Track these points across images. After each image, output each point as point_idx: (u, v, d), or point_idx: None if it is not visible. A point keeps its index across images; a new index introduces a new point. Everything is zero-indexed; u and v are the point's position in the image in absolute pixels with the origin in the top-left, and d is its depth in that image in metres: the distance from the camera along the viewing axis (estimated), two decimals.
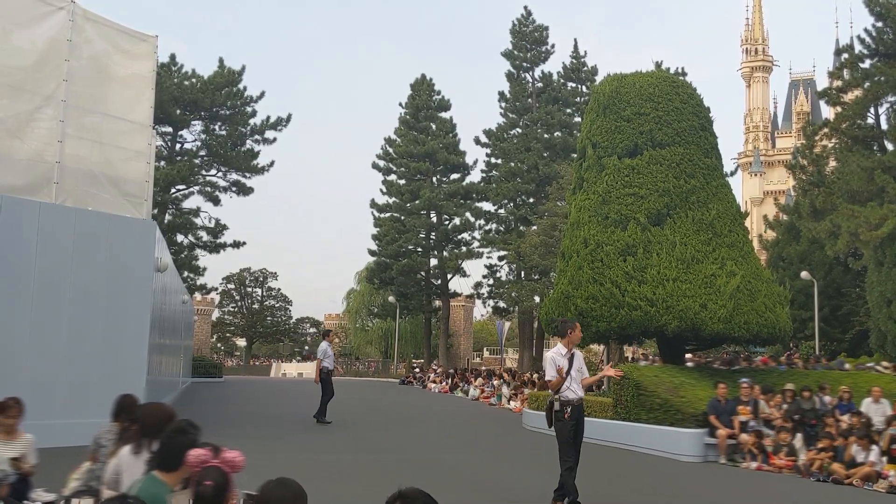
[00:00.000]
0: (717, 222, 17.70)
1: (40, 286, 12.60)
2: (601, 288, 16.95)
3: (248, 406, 22.67)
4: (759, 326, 16.91)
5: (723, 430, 13.59)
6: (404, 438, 16.21)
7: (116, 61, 14.74)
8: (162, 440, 4.12)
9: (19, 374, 11.80)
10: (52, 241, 12.79)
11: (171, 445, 4.03)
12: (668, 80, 19.47)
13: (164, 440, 4.10)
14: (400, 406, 25.06)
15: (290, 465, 10.99)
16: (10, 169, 12.83)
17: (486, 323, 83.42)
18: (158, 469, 4.00)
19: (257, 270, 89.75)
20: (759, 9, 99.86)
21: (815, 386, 15.46)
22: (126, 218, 14.05)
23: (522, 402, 23.16)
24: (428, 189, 47.92)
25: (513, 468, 12.47)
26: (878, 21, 27.38)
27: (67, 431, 10.85)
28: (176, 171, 36.49)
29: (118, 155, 14.53)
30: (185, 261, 37.94)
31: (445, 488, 9.79)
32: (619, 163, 18.21)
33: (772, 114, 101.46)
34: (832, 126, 29.50)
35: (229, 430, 15.02)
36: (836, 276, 33.96)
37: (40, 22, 13.53)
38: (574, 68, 47.65)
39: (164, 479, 3.95)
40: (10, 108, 13.05)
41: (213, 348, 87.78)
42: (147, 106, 15.05)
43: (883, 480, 11.19)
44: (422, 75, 51.31)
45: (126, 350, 13.49)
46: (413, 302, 49.68)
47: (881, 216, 24.46)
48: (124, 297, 13.62)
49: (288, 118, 41.07)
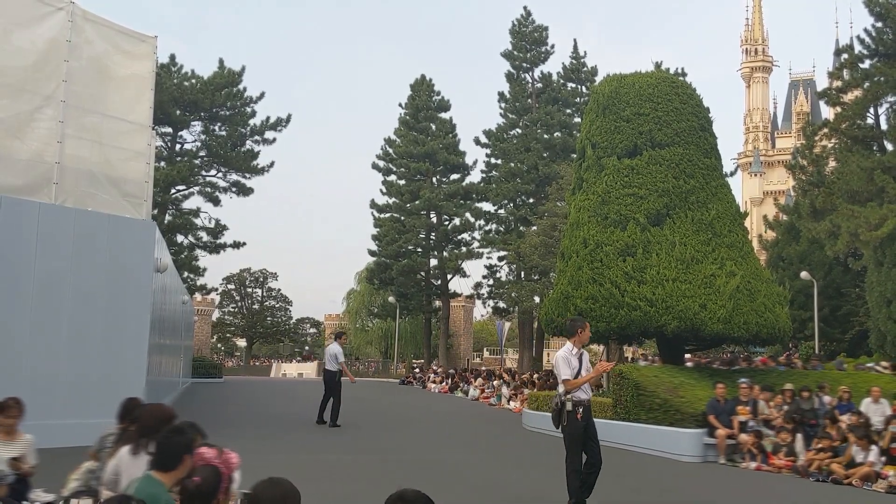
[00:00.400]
0: (716, 222, 17.71)
1: (40, 286, 12.60)
2: (601, 288, 16.95)
3: (247, 406, 22.68)
4: (758, 327, 16.91)
5: (722, 431, 13.59)
6: (404, 439, 16.22)
7: (116, 62, 14.74)
8: (158, 440, 4.13)
9: (19, 375, 11.81)
10: (51, 241, 12.79)
11: (168, 445, 4.03)
12: (668, 81, 19.47)
13: (161, 440, 4.10)
14: (400, 406, 25.06)
15: (290, 466, 11.00)
16: (9, 169, 12.83)
17: (486, 323, 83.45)
18: (155, 469, 4.00)
19: (257, 271, 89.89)
20: (758, 9, 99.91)
21: (814, 386, 15.48)
22: (126, 218, 14.05)
23: (522, 403, 23.17)
24: (428, 189, 47.92)
25: (513, 468, 12.47)
26: (877, 21, 27.38)
27: (67, 432, 10.87)
28: (176, 171, 36.49)
29: (118, 155, 14.53)
30: (185, 261, 37.94)
31: (445, 489, 9.80)
32: (619, 163, 18.21)
33: (772, 114, 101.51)
34: (832, 126, 29.51)
35: (229, 430, 15.01)
36: (836, 277, 33.96)
37: (40, 22, 13.54)
38: (574, 69, 47.64)
39: (162, 478, 3.95)
40: (10, 108, 13.05)
41: (213, 349, 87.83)
42: (147, 106, 15.05)
43: (882, 480, 11.19)
44: (421, 76, 51.36)
45: (126, 350, 13.49)
46: (413, 302, 49.67)
47: (881, 216, 24.46)
48: (124, 297, 13.62)
49: (288, 119, 41.09)
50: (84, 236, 13.20)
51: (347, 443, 14.88)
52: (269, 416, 19.94)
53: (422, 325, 53.80)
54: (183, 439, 4.07)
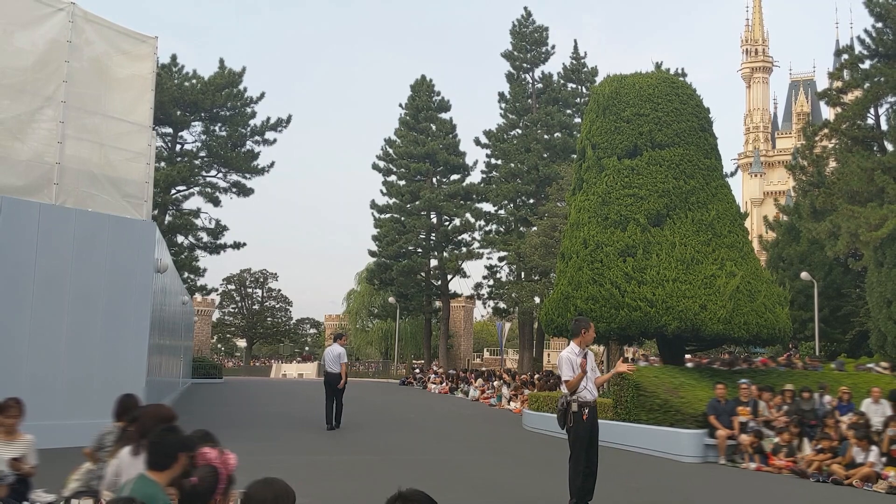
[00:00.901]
0: (716, 223, 17.70)
1: (40, 287, 12.60)
2: (601, 289, 16.95)
3: (247, 407, 22.68)
4: (758, 327, 16.90)
5: (722, 431, 13.59)
6: (405, 439, 16.21)
7: (117, 62, 14.75)
8: (151, 440, 4.12)
9: (19, 375, 11.82)
10: (52, 242, 12.80)
11: (161, 444, 4.03)
12: (668, 81, 19.47)
13: (153, 439, 4.10)
14: (400, 407, 25.06)
15: (291, 466, 11.01)
16: (10, 170, 12.84)
17: (486, 324, 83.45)
18: (150, 468, 4.00)
19: (257, 271, 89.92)
20: (759, 9, 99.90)
21: (814, 386, 15.47)
22: (126, 219, 14.06)
23: (522, 403, 23.15)
24: (428, 190, 47.93)
25: (513, 469, 12.47)
26: (877, 22, 27.40)
27: (67, 432, 10.86)
28: (176, 172, 36.52)
29: (118, 156, 14.54)
30: (185, 262, 37.96)
31: (446, 489, 9.79)
32: (619, 163, 18.21)
33: (772, 114, 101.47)
34: (832, 127, 29.52)
35: (229, 431, 15.01)
36: (836, 277, 33.96)
37: (40, 23, 13.54)
38: (574, 69, 47.67)
39: (157, 478, 3.95)
40: (11, 109, 13.06)
41: (213, 349, 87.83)
42: (147, 107, 15.06)
43: (882, 481, 11.19)
44: (422, 76, 51.41)
45: (126, 351, 13.50)
46: (413, 303, 49.68)
47: (881, 217, 24.47)
48: (124, 298, 13.62)
49: (288, 119, 41.13)
50: (84, 237, 13.21)
51: (348, 443, 14.89)
52: (270, 416, 19.94)
53: (422, 325, 53.80)
54: (176, 437, 4.07)
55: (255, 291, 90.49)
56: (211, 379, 37.02)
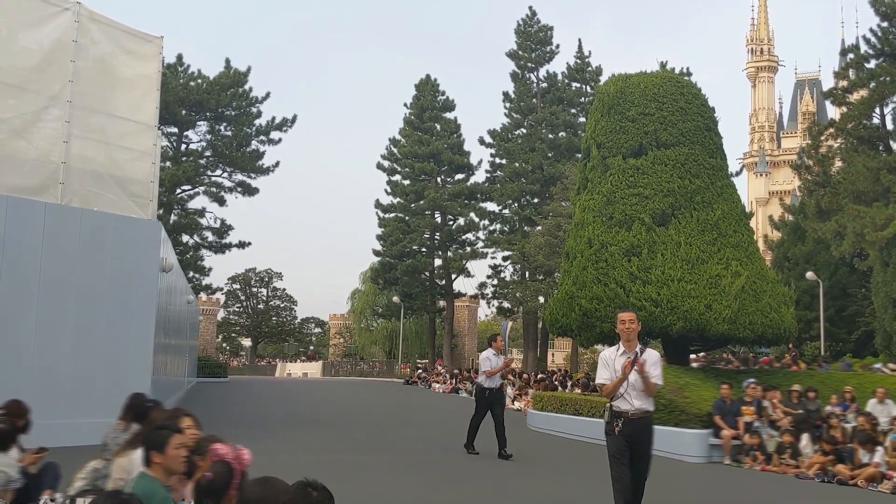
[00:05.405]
0: (721, 222, 17.67)
1: (46, 286, 12.64)
2: (605, 288, 16.93)
3: (252, 406, 22.71)
4: (763, 327, 16.87)
5: (727, 431, 13.57)
6: (408, 438, 16.22)
7: (122, 62, 14.79)
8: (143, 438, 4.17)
9: (25, 374, 11.86)
10: (57, 241, 12.83)
11: (151, 438, 4.08)
12: (673, 81, 19.45)
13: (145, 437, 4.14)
14: (405, 406, 25.07)
15: (290, 466, 11.02)
16: (16, 169, 12.88)
17: (490, 323, 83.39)
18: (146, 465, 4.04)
19: (262, 271, 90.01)
20: (764, 9, 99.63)
21: (819, 386, 15.40)
22: (131, 218, 14.09)
23: (527, 403, 23.14)
24: (432, 189, 47.92)
25: (515, 469, 12.47)
26: (883, 21, 27.33)
27: (73, 431, 10.90)
28: (181, 171, 36.59)
29: (124, 155, 14.57)
30: (190, 261, 38.03)
31: (450, 488, 9.80)
32: (624, 163, 18.19)
33: (777, 114, 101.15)
34: (838, 126, 29.44)
35: (234, 430, 15.03)
36: (842, 277, 33.88)
37: (46, 23, 13.58)
38: (578, 68, 47.60)
39: (155, 474, 3.98)
40: (16, 108, 13.10)
41: (218, 348, 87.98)
42: (152, 106, 15.09)
43: (888, 481, 11.16)
44: (426, 75, 51.42)
45: (131, 350, 13.53)
46: (417, 302, 49.69)
47: (887, 216, 24.40)
48: (130, 297, 13.65)
49: (293, 119, 41.15)
50: (90, 236, 13.24)
51: (351, 443, 14.90)
52: (274, 415, 19.97)
53: (426, 325, 53.83)
54: (165, 428, 4.11)
55: (260, 291, 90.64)
56: (216, 378, 37.08)
